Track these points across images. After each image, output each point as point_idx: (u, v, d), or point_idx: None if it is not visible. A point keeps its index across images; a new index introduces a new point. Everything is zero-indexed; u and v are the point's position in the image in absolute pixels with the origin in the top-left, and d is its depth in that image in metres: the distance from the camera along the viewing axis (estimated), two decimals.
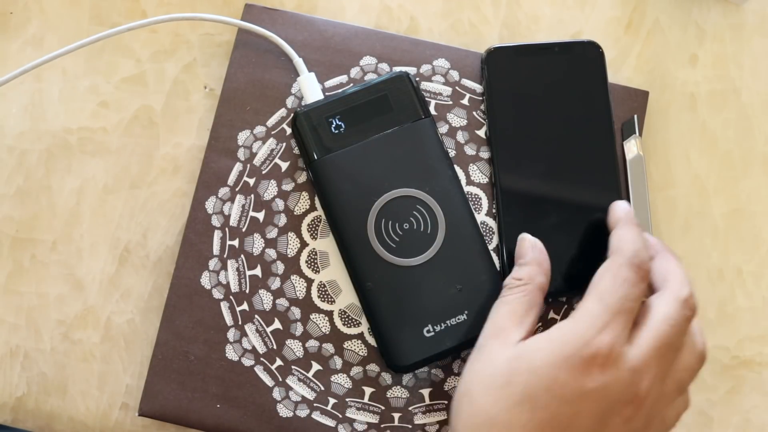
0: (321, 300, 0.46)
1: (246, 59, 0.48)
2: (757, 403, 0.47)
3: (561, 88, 0.47)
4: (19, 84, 0.50)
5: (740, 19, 0.50)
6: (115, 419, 0.47)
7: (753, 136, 0.49)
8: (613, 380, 0.37)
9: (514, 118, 0.47)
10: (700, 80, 0.50)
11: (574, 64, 0.47)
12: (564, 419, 0.36)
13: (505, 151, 0.47)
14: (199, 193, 0.47)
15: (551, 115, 0.47)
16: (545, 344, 0.38)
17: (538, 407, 0.36)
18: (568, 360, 0.37)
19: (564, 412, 0.36)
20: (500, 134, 0.47)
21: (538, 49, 0.48)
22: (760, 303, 0.48)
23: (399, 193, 0.45)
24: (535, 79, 0.47)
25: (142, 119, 0.49)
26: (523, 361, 0.38)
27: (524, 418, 0.36)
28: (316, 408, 0.45)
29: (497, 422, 0.37)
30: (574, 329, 0.38)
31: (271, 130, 0.48)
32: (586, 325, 0.37)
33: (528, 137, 0.47)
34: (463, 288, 0.45)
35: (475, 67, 0.48)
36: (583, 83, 0.47)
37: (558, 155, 0.46)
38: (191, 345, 0.46)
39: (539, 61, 0.47)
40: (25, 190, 0.49)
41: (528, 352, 0.38)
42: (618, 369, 0.37)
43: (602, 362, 0.36)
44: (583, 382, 0.36)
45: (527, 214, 0.46)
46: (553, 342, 0.38)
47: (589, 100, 0.47)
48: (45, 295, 0.48)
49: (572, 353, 0.37)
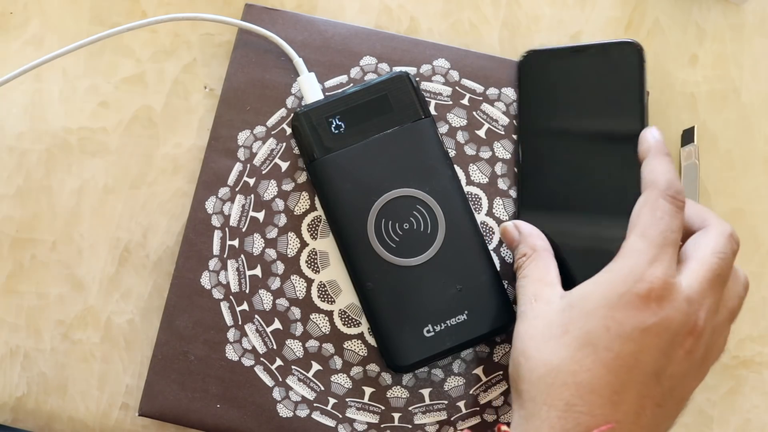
0: (321, 300, 0.46)
1: (246, 59, 0.48)
2: (757, 403, 0.47)
3: (597, 91, 0.46)
4: (19, 84, 0.50)
5: (740, 19, 0.50)
6: (115, 419, 0.47)
7: (753, 136, 0.49)
8: (672, 313, 0.36)
9: (547, 121, 0.46)
10: (700, 80, 0.50)
11: (612, 65, 0.45)
12: (628, 357, 0.36)
13: (533, 154, 0.46)
14: (199, 193, 0.47)
15: (584, 119, 0.46)
16: (596, 287, 0.38)
17: (600, 348, 0.36)
18: (622, 297, 0.36)
19: (627, 350, 0.36)
20: (529, 137, 0.46)
21: (574, 51, 0.46)
22: (760, 303, 0.48)
23: (399, 193, 0.45)
24: (570, 81, 0.46)
25: (142, 119, 0.49)
26: (575, 308, 0.37)
27: (588, 361, 0.36)
28: (316, 408, 0.45)
29: (562, 370, 0.36)
30: (623, 267, 0.37)
31: (271, 130, 0.48)
32: (634, 261, 0.37)
33: (558, 142, 0.46)
34: (463, 288, 0.45)
35: (475, 67, 0.48)
36: (619, 86, 0.45)
37: (588, 161, 0.45)
38: (191, 345, 0.46)
39: (576, 63, 0.46)
40: (25, 190, 0.49)
41: (579, 299, 0.38)
42: (675, 300, 0.36)
43: (658, 295, 0.36)
44: (643, 318, 0.36)
45: (551, 218, 0.45)
46: (604, 284, 0.37)
47: (623, 104, 0.45)
48: (45, 295, 0.48)
49: (626, 290, 0.36)
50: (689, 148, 0.48)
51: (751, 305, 0.48)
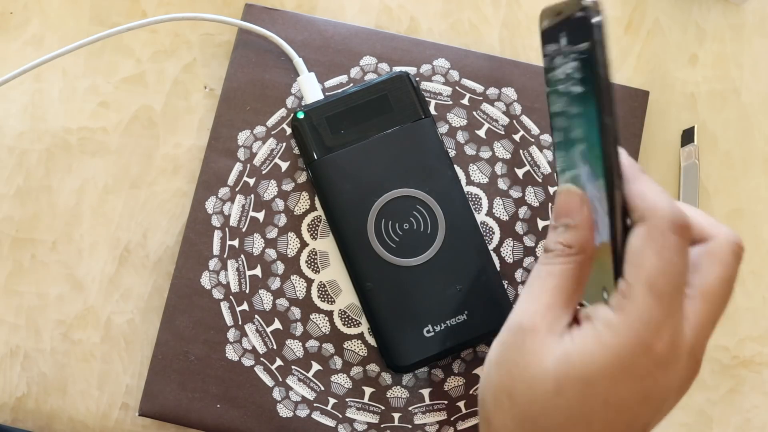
0: (321, 300, 0.46)
1: (246, 59, 0.48)
2: (757, 403, 0.47)
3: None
4: (19, 84, 0.50)
5: (740, 19, 0.50)
6: (115, 419, 0.47)
7: (753, 136, 0.49)
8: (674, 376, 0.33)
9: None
10: (700, 80, 0.50)
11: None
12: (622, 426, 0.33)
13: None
14: (199, 193, 0.47)
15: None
16: (599, 351, 0.32)
17: (595, 420, 0.33)
18: (626, 370, 0.32)
19: (623, 419, 0.33)
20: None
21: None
22: (760, 303, 0.48)
23: (399, 193, 0.45)
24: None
25: (142, 119, 0.49)
26: (574, 368, 0.33)
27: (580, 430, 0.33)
28: (316, 408, 0.45)
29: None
30: (629, 333, 0.32)
31: (271, 130, 0.48)
32: (642, 326, 0.32)
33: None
34: (463, 288, 0.45)
35: (475, 67, 0.48)
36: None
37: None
38: (191, 345, 0.46)
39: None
40: (25, 190, 0.49)
41: (579, 359, 0.33)
42: (680, 361, 0.33)
43: (665, 362, 0.32)
44: (645, 388, 0.33)
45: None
46: (608, 349, 0.32)
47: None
48: (45, 295, 0.48)
49: (631, 362, 0.32)
50: (689, 148, 0.48)
51: (751, 305, 0.48)
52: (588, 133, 0.34)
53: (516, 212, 0.47)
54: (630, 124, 0.48)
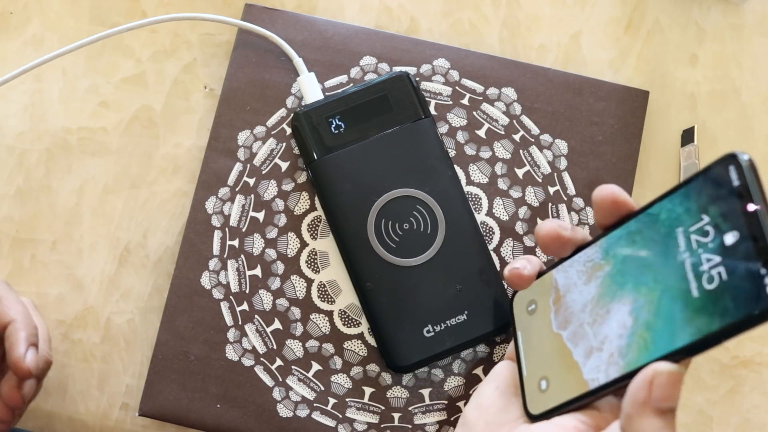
0: (321, 300, 0.46)
1: (246, 59, 0.48)
2: (757, 403, 0.47)
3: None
4: (19, 84, 0.50)
5: (740, 19, 0.50)
6: (115, 419, 0.47)
7: (753, 136, 0.49)
8: None
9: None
10: (700, 80, 0.50)
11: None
12: None
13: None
14: (199, 193, 0.47)
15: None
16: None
17: None
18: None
19: None
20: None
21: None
22: None
23: (399, 193, 0.45)
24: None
25: (142, 119, 0.49)
26: None
27: None
28: (316, 408, 0.45)
29: None
30: None
31: (271, 130, 0.48)
32: None
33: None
34: (463, 288, 0.45)
35: (475, 67, 0.48)
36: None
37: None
38: (191, 345, 0.46)
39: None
40: (25, 190, 0.49)
41: None
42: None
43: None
44: None
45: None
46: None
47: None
48: (45, 295, 0.48)
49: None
50: (689, 148, 0.48)
51: None
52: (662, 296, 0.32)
53: (516, 212, 0.47)
54: (630, 124, 0.48)
